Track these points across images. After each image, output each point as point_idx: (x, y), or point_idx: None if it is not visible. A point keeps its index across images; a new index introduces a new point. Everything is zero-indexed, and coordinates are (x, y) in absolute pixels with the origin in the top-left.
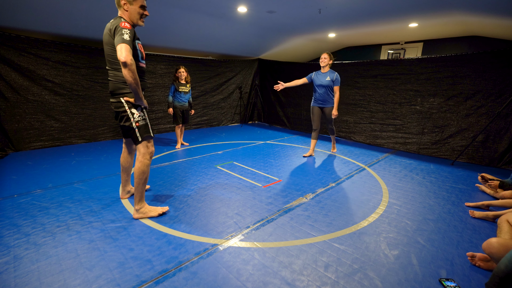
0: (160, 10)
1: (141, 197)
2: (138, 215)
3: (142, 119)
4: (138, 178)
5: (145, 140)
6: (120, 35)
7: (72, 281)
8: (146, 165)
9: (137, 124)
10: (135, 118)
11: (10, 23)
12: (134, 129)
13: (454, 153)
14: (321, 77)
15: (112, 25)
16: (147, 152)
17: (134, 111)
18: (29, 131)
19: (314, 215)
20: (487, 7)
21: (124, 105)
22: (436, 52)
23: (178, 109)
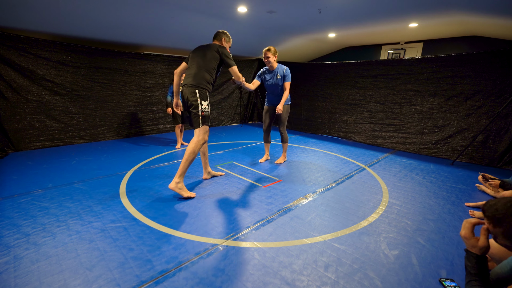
0: (160, 10)
1: (182, 173)
2: (174, 186)
3: (206, 110)
4: (187, 155)
5: (204, 129)
6: (230, 59)
7: (72, 281)
8: (197, 147)
9: (203, 113)
10: (202, 108)
11: (10, 23)
12: (199, 116)
13: (454, 153)
14: (271, 75)
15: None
16: (202, 139)
17: (203, 103)
18: (29, 131)
19: (314, 215)
20: (487, 7)
21: (198, 95)
22: (436, 52)
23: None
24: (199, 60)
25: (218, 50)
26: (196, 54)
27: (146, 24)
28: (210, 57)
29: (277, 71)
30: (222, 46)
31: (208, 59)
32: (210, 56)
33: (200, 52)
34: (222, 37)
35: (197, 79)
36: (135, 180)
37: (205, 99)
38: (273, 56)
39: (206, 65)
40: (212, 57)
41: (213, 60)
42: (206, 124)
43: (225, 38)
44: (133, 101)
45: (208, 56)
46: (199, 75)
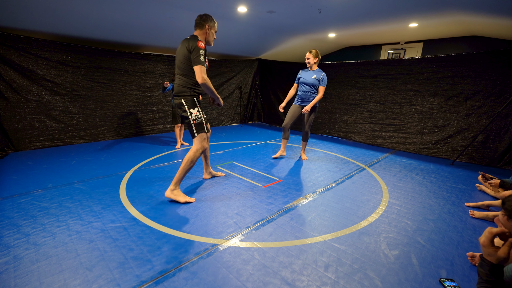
0: (160, 10)
1: (178, 181)
2: (169, 194)
3: (198, 117)
4: (185, 164)
5: (201, 137)
6: (198, 56)
7: (72, 281)
8: (196, 157)
9: (194, 122)
10: (193, 116)
11: (10, 23)
12: (192, 125)
13: (454, 153)
14: (307, 74)
15: (190, 42)
16: (201, 147)
17: (192, 111)
18: (29, 131)
19: (314, 215)
20: (487, 7)
21: (185, 105)
22: (436, 52)
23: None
24: (177, 63)
25: (188, 46)
26: (176, 54)
27: (146, 24)
28: (183, 58)
29: (314, 73)
30: (194, 39)
31: (182, 61)
32: (183, 56)
33: (178, 51)
34: (205, 24)
35: (179, 88)
36: (135, 180)
37: (194, 106)
38: (313, 58)
39: (182, 68)
40: (185, 57)
41: (188, 60)
42: (201, 132)
43: (208, 24)
44: (133, 101)
45: (182, 57)
46: (179, 83)
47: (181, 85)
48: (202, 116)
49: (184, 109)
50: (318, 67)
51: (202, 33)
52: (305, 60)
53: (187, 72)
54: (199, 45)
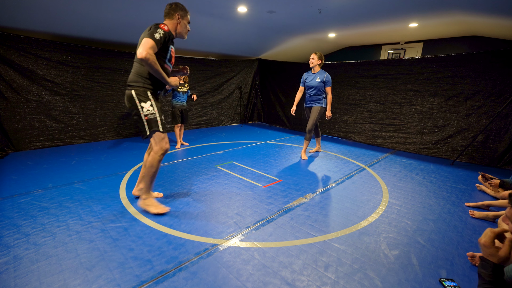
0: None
1: (147, 189)
2: (140, 203)
3: (150, 113)
4: (147, 170)
5: (157, 136)
6: (152, 32)
7: (72, 281)
8: (156, 160)
9: (146, 117)
10: (144, 111)
11: (10, 23)
12: (143, 122)
13: (454, 153)
14: (311, 78)
15: (153, 26)
16: (160, 149)
17: (144, 104)
18: (29, 131)
19: (314, 215)
20: (487, 7)
21: (135, 98)
22: (436, 52)
23: (176, 109)
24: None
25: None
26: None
27: (146, 24)
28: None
29: (318, 75)
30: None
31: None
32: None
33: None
34: (175, 14)
35: (132, 76)
36: (135, 180)
37: (146, 99)
38: (317, 59)
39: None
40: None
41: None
42: (156, 130)
43: (179, 13)
44: None
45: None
46: (133, 70)
47: (135, 72)
48: (156, 112)
49: (134, 103)
50: (321, 68)
51: (171, 23)
52: (309, 60)
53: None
54: (161, 25)
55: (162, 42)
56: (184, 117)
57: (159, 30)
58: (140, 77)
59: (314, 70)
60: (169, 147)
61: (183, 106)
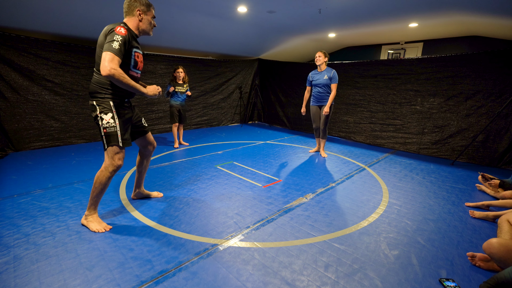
0: (159, 10)
1: (91, 204)
2: (83, 220)
3: (110, 126)
4: (94, 185)
5: (111, 150)
6: (111, 42)
7: (72, 281)
8: (105, 176)
9: (105, 130)
10: (103, 124)
11: (10, 23)
12: (102, 135)
13: (454, 153)
14: (318, 76)
15: (108, 27)
16: (111, 164)
17: (104, 116)
18: (29, 131)
19: (314, 215)
20: (487, 7)
21: (96, 108)
22: (436, 52)
23: (174, 108)
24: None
25: (105, 32)
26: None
27: None
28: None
29: (325, 73)
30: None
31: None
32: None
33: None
34: (134, 9)
35: (92, 86)
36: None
37: (108, 111)
38: (324, 57)
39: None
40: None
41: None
42: (113, 145)
43: (139, 8)
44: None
45: (98, 48)
46: (93, 80)
47: (94, 83)
48: (116, 125)
49: (96, 114)
50: (328, 67)
51: (132, 21)
52: (315, 59)
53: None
54: (117, 30)
55: (123, 50)
56: (183, 117)
57: (116, 37)
58: (101, 87)
59: (320, 68)
60: (122, 164)
61: (181, 106)
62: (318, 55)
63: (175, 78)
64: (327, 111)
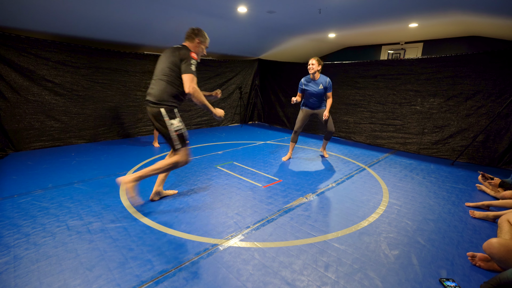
0: (160, 10)
1: (142, 177)
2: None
3: (181, 128)
4: (157, 166)
5: (186, 149)
6: (189, 65)
7: (72, 281)
8: (171, 168)
9: (177, 133)
10: (174, 127)
11: (10, 23)
12: (171, 138)
13: (454, 153)
14: (313, 85)
15: (182, 52)
16: (184, 161)
17: (174, 121)
18: (29, 131)
19: (314, 215)
20: (487, 7)
21: (163, 114)
22: (436, 52)
23: None
24: (162, 68)
25: (179, 55)
26: (161, 61)
27: (145, 24)
28: (172, 65)
29: (320, 82)
30: (186, 49)
31: (171, 68)
32: (172, 63)
33: (164, 58)
34: (195, 38)
35: (160, 95)
36: None
37: (174, 116)
38: (317, 65)
39: (169, 75)
40: (175, 65)
41: (177, 68)
42: (185, 145)
43: (199, 38)
44: (133, 101)
45: (170, 64)
46: (162, 89)
47: (163, 91)
48: (184, 127)
49: (162, 120)
50: (321, 74)
51: (192, 46)
52: (308, 66)
53: (173, 80)
54: (192, 55)
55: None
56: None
57: (192, 61)
58: (169, 96)
59: (315, 77)
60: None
61: None
62: (312, 63)
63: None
64: (327, 115)
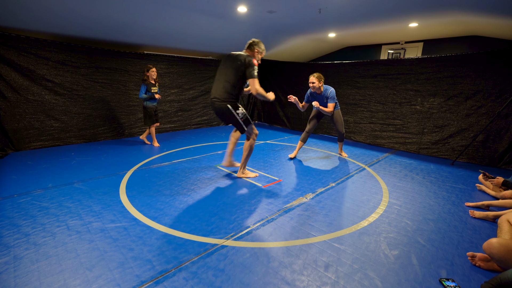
0: (160, 10)
1: (244, 164)
2: (240, 175)
3: (244, 114)
4: (245, 152)
5: (251, 128)
6: (252, 70)
7: (72, 281)
8: (253, 144)
9: (242, 119)
10: (239, 116)
11: (10, 23)
12: (240, 123)
13: (454, 153)
14: (319, 99)
15: (247, 59)
16: (255, 135)
17: (238, 111)
18: (29, 131)
19: (314, 215)
20: (487, 7)
21: (230, 108)
22: (436, 52)
23: (151, 109)
24: (226, 72)
25: (244, 59)
26: (224, 65)
27: (146, 24)
28: (236, 70)
29: (324, 96)
30: (249, 57)
31: (234, 73)
32: (235, 69)
33: (227, 63)
34: (255, 48)
35: (226, 94)
36: (135, 180)
37: (237, 108)
38: (318, 81)
39: (233, 78)
40: (238, 70)
41: (239, 72)
42: (249, 124)
43: (257, 48)
44: (133, 101)
45: (233, 70)
46: (228, 90)
47: (228, 91)
48: (246, 113)
49: (231, 111)
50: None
51: (251, 54)
52: (310, 85)
53: (236, 82)
54: (254, 62)
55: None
56: (157, 116)
57: (255, 67)
58: (232, 95)
59: (319, 92)
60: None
61: (155, 106)
62: (312, 81)
63: (148, 77)
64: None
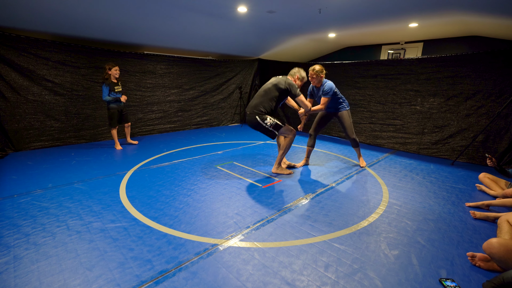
0: (160, 10)
1: (280, 161)
2: (276, 171)
3: (272, 123)
4: (283, 149)
5: (284, 129)
6: (296, 90)
7: (72, 281)
8: (291, 142)
9: (271, 127)
10: (268, 124)
11: (10, 23)
12: (270, 130)
13: (454, 153)
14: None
15: (287, 81)
16: (291, 134)
17: (266, 121)
18: (29, 131)
19: (314, 215)
20: (487, 7)
21: (258, 120)
22: (436, 52)
23: (116, 110)
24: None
25: (284, 84)
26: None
27: (146, 24)
28: (275, 89)
29: (321, 88)
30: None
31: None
32: (275, 89)
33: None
34: (296, 74)
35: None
36: (135, 180)
37: (265, 118)
38: (316, 76)
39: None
40: (277, 90)
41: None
42: (280, 128)
43: (298, 75)
44: (133, 101)
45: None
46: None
47: (262, 105)
48: (274, 120)
49: (259, 122)
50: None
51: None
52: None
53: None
54: (296, 83)
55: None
56: (125, 116)
57: (296, 87)
58: (265, 109)
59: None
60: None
61: (121, 106)
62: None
63: (109, 76)
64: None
